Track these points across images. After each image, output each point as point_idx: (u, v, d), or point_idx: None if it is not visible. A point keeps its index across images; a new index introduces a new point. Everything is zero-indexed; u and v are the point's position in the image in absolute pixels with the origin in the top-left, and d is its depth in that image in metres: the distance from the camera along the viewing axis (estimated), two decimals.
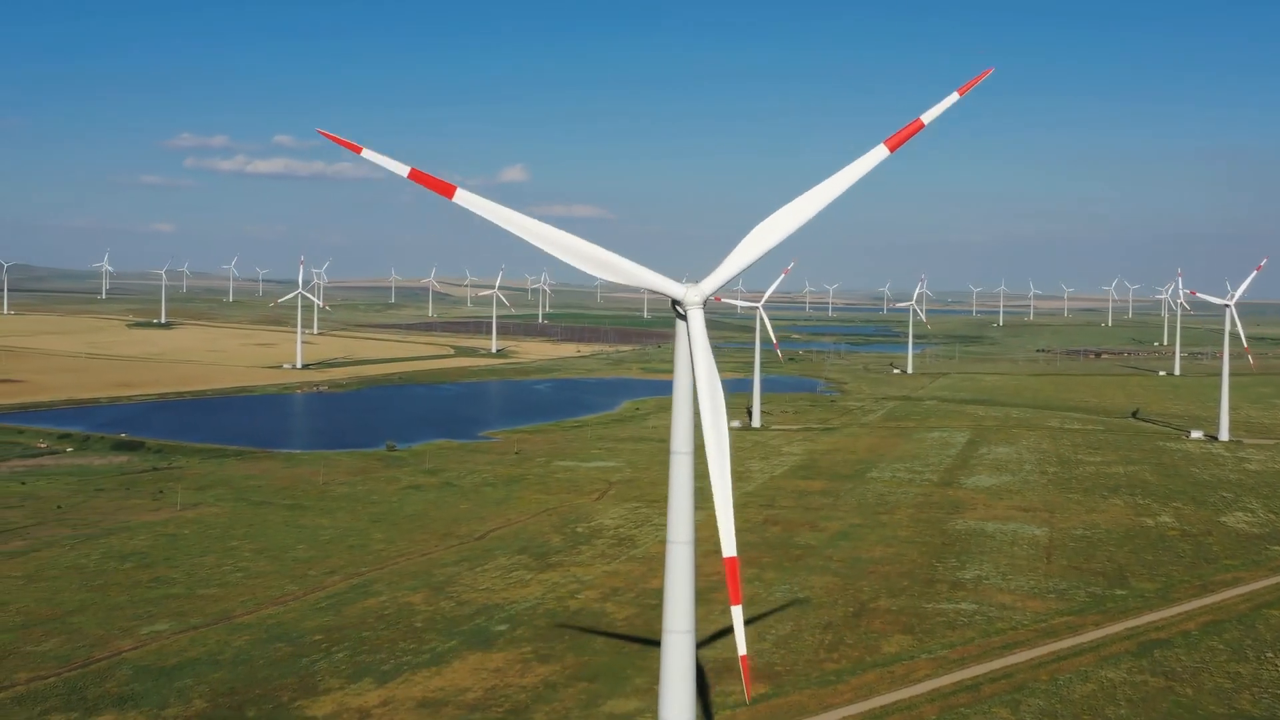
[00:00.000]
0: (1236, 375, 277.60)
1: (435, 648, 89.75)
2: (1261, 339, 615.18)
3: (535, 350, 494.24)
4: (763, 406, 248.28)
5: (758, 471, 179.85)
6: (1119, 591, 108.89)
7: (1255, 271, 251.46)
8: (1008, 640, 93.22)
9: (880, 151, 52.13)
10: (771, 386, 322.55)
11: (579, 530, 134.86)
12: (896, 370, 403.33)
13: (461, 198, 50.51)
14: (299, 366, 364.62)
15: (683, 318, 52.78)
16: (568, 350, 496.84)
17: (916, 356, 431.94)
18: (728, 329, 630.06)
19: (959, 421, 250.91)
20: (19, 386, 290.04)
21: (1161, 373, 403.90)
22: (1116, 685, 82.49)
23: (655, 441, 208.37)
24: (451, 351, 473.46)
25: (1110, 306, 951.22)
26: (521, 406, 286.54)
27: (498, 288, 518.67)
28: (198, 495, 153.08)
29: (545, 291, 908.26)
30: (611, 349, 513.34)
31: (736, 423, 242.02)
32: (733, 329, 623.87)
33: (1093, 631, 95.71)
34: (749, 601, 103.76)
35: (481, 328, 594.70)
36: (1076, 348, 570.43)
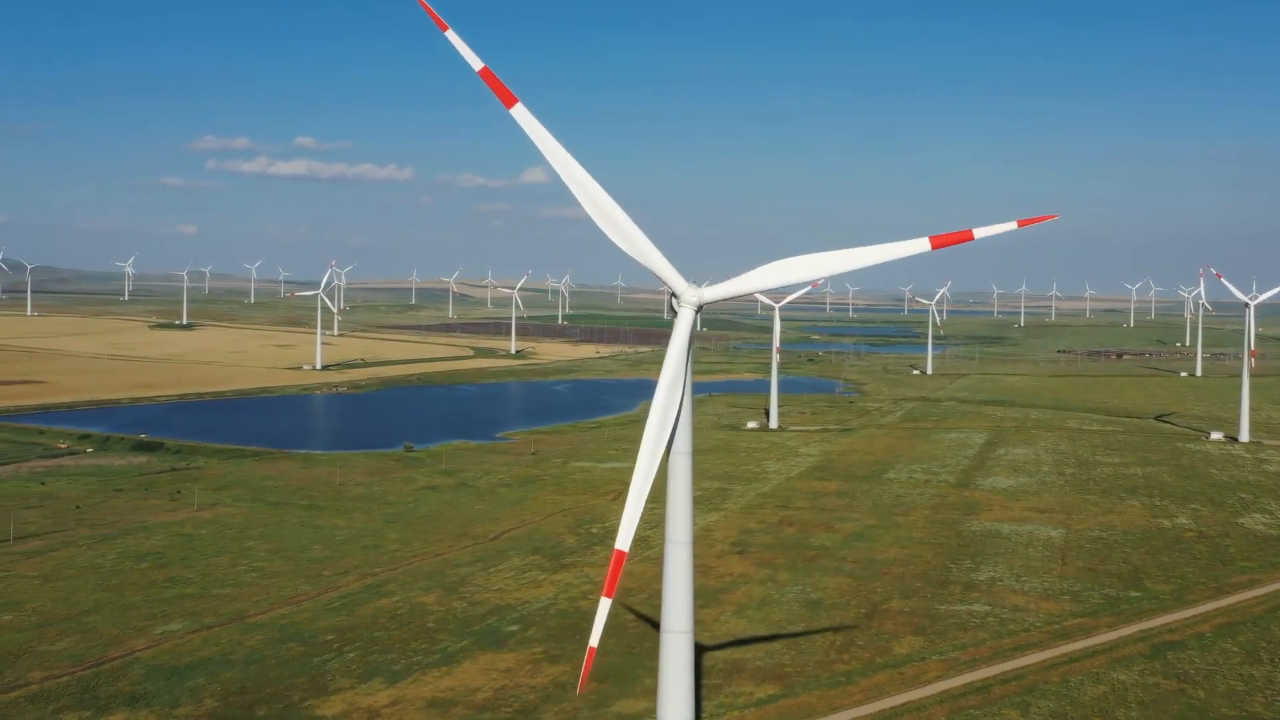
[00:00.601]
0: (1258, 376, 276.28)
1: (446, 648, 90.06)
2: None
3: (554, 351, 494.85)
4: (781, 407, 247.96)
5: (774, 472, 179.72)
6: (1133, 593, 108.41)
7: None
8: (1020, 642, 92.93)
9: (923, 244, 51.96)
10: (790, 387, 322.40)
11: (593, 531, 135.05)
12: (916, 371, 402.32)
13: (519, 113, 50.67)
14: (318, 368, 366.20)
15: (675, 313, 52.89)
16: (587, 351, 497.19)
17: (936, 357, 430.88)
18: (746, 329, 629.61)
19: (977, 423, 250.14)
20: (41, 387, 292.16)
21: (1183, 373, 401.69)
22: (1128, 687, 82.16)
23: None
24: (471, 352, 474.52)
25: (1132, 307, 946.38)
26: (539, 407, 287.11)
27: (518, 289, 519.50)
28: (215, 495, 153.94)
29: (565, 293, 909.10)
30: (631, 350, 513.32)
31: (754, 423, 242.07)
32: (751, 330, 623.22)
33: (1106, 633, 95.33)
34: (762, 602, 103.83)
35: (501, 329, 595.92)
36: (1098, 349, 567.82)
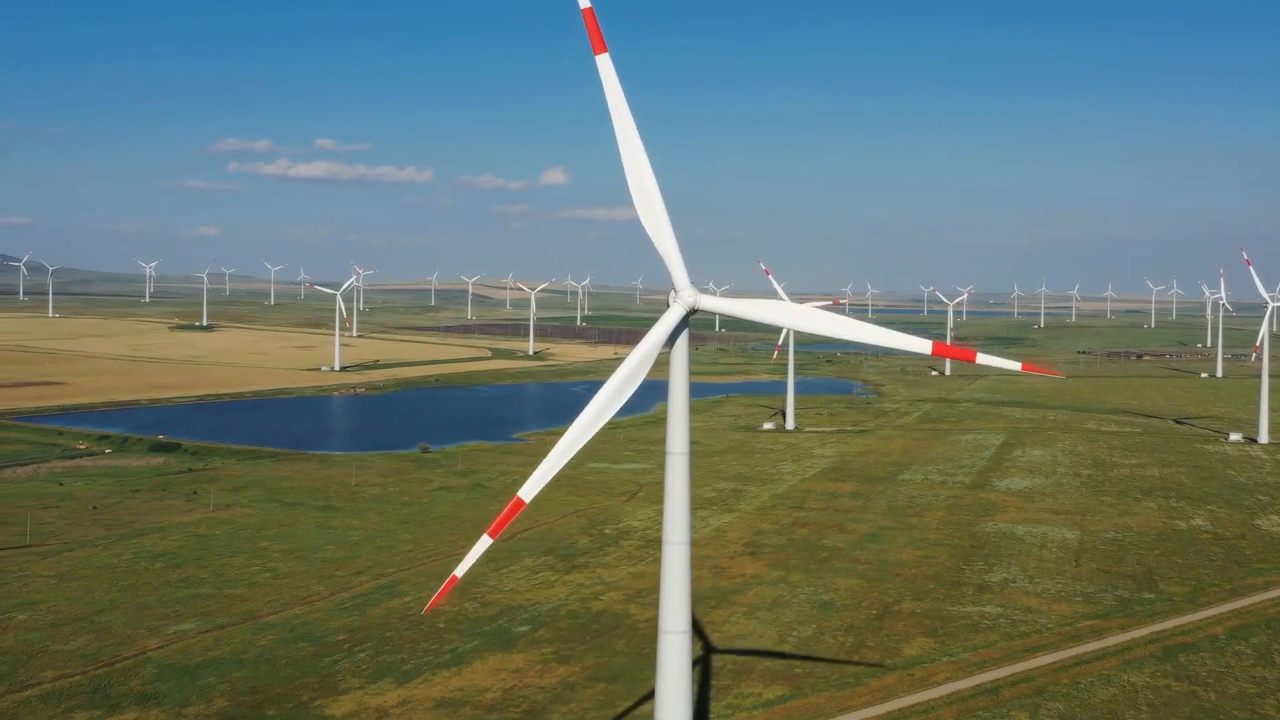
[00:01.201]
0: (1279, 377, 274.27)
1: (456, 648, 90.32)
2: None
3: (572, 352, 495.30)
4: (797, 408, 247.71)
5: (789, 473, 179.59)
6: (1147, 595, 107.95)
7: None
8: (1031, 644, 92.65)
9: (925, 346, 51.65)
10: (808, 388, 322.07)
11: (607, 532, 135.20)
12: (934, 372, 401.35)
13: (603, 62, 50.49)
14: (337, 369, 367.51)
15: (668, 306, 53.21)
16: (605, 353, 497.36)
17: None
18: (764, 330, 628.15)
19: (994, 424, 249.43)
20: (62, 389, 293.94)
21: (1203, 374, 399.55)
22: (1138, 689, 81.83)
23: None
24: (489, 354, 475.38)
25: (1153, 308, 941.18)
26: (556, 408, 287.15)
27: (537, 291, 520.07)
28: (231, 496, 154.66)
29: (583, 294, 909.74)
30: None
31: (770, 424, 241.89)
32: (768, 331, 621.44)
33: (1118, 635, 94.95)
34: (773, 603, 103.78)
35: (519, 330, 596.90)
36: (1118, 349, 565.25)
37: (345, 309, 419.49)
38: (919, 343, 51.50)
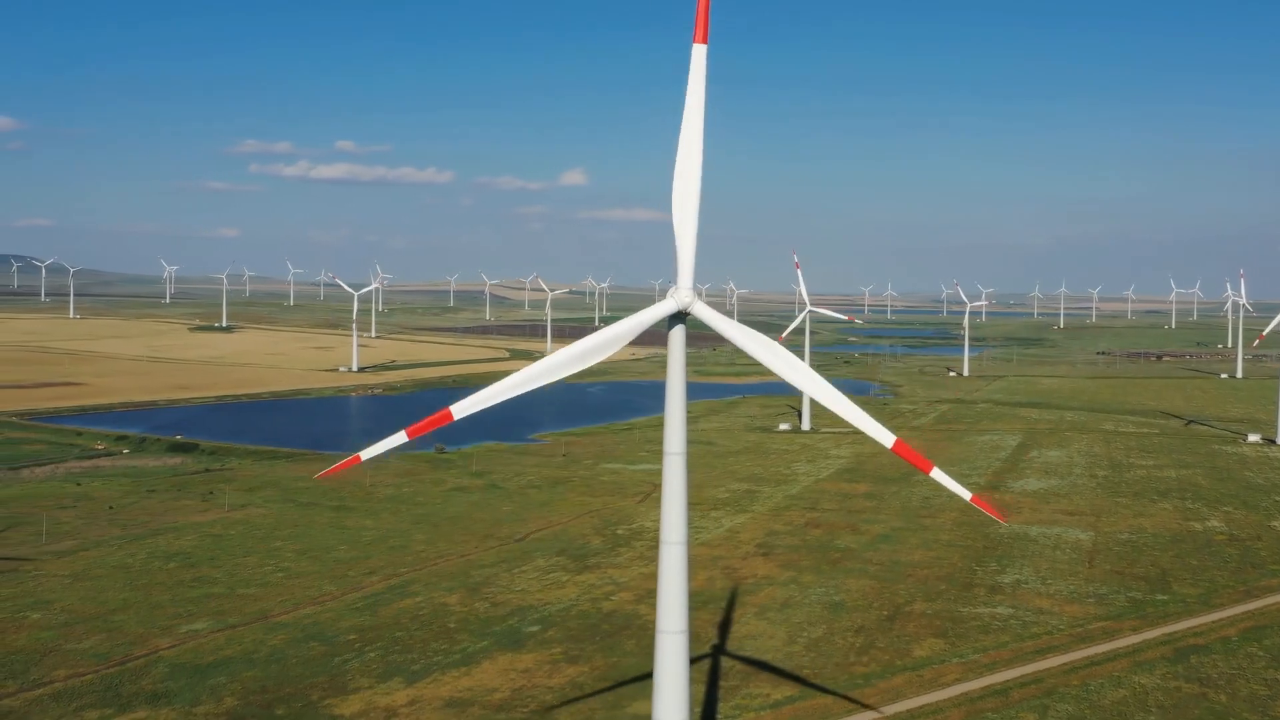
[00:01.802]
0: None
1: (466, 648, 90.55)
2: None
3: None
4: (813, 409, 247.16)
5: (803, 474, 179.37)
6: (1160, 596, 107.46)
7: None
8: (1041, 645, 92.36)
9: (888, 438, 52.74)
10: None
11: (619, 532, 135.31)
12: (952, 373, 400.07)
13: (698, 53, 50.81)
14: (355, 369, 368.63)
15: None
16: (622, 353, 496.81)
17: (973, 359, 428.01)
18: (780, 330, 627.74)
19: (1011, 425, 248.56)
20: (81, 389, 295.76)
21: (1223, 375, 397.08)
22: (1149, 691, 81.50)
23: (703, 444, 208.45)
24: (507, 354, 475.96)
25: (1174, 309, 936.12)
26: (572, 409, 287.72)
27: (555, 293, 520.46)
28: (246, 496, 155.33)
29: (601, 294, 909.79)
30: (667, 352, 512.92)
31: (786, 425, 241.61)
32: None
33: (1129, 637, 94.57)
34: (784, 604, 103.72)
35: (537, 330, 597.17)
36: (1138, 350, 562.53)
37: (363, 310, 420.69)
38: (883, 434, 52.85)
